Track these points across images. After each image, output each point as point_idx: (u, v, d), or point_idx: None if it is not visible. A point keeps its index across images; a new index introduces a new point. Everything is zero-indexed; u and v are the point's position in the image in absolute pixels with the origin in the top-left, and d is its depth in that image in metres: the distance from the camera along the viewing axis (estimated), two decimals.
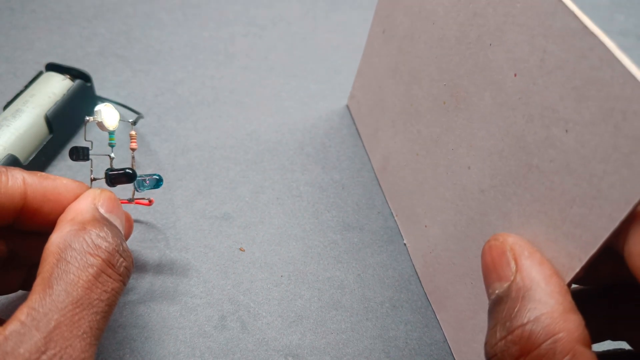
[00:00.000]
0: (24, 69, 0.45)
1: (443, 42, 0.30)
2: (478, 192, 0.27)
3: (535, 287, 0.20)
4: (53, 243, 0.23)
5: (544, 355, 0.19)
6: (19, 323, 0.20)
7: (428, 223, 0.33)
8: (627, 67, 0.18)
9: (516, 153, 0.24)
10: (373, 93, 0.40)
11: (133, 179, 0.30)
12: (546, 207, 0.22)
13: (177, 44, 0.49)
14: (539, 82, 0.22)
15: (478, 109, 0.27)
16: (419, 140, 0.33)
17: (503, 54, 0.25)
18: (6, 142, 0.35)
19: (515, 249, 0.22)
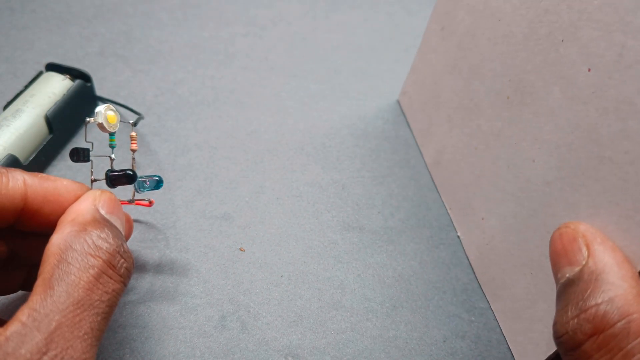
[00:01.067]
0: (24, 69, 0.45)
1: (509, 38, 0.31)
2: (543, 184, 0.28)
3: (609, 270, 0.21)
4: (54, 244, 0.23)
5: (617, 334, 0.20)
6: (20, 324, 0.20)
7: (485, 215, 0.34)
8: None
9: (587, 145, 0.25)
10: (428, 89, 0.41)
11: (133, 180, 0.30)
12: (618, 197, 0.23)
13: (177, 44, 0.49)
14: (616, 76, 0.23)
15: (546, 103, 0.28)
16: (478, 134, 0.34)
17: (576, 49, 0.26)
18: (6, 142, 0.35)
19: (587, 235, 0.23)
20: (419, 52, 0.43)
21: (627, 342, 0.19)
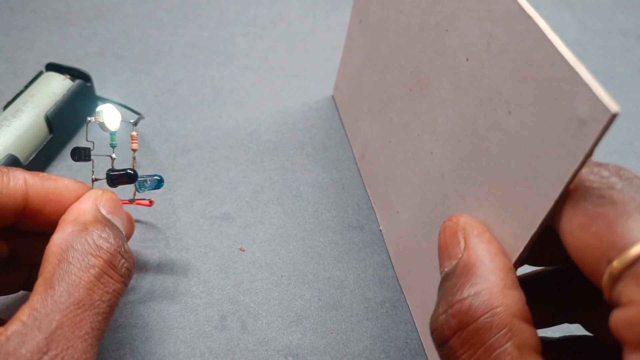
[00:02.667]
0: (24, 69, 0.45)
1: (409, 29, 0.31)
2: (439, 176, 0.28)
3: (480, 264, 0.21)
4: (55, 243, 0.23)
5: (481, 328, 0.19)
6: (21, 323, 0.20)
7: (399, 209, 0.33)
8: (556, 47, 0.19)
9: (470, 136, 0.24)
10: (353, 83, 0.41)
11: (134, 180, 0.30)
12: (495, 188, 0.22)
13: (177, 44, 0.49)
14: (487, 65, 0.23)
15: (438, 94, 0.27)
16: (391, 127, 0.34)
17: (457, 39, 0.25)
18: (6, 142, 0.35)
19: (466, 228, 0.23)
20: (345, 46, 0.42)
21: (490, 337, 0.19)
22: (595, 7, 0.59)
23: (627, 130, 0.46)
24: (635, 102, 0.49)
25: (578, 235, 0.18)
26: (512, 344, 0.19)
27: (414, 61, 0.30)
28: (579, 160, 0.18)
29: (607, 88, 0.50)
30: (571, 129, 0.18)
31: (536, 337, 0.20)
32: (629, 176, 0.19)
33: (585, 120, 0.17)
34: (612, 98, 0.17)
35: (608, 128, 0.17)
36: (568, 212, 0.19)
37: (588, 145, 0.17)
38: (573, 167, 0.18)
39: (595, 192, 0.19)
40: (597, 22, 0.57)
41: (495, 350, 0.19)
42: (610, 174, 0.19)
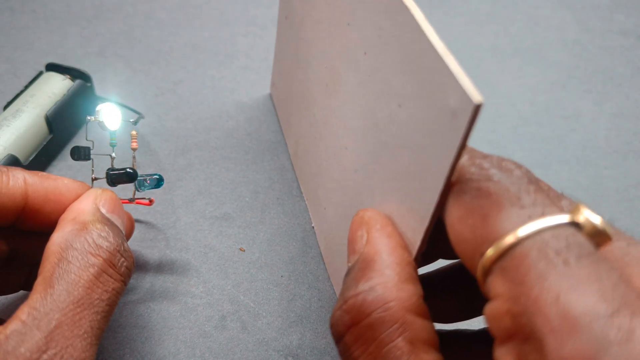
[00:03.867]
0: (24, 69, 0.45)
1: (321, 24, 0.30)
2: (353, 171, 0.27)
3: (378, 258, 0.20)
4: (54, 243, 0.23)
5: (373, 323, 0.19)
6: (20, 322, 0.20)
7: (326, 205, 0.33)
8: (428, 38, 0.18)
9: (372, 131, 0.24)
10: (284, 80, 0.41)
11: (134, 179, 0.30)
12: (395, 182, 0.22)
13: (177, 44, 0.49)
14: (380, 58, 0.23)
15: (347, 89, 0.27)
16: (315, 124, 0.34)
17: (356, 33, 0.25)
18: (6, 142, 0.35)
19: (369, 222, 0.22)
20: (276, 43, 0.42)
21: (381, 332, 0.19)
22: (595, 7, 0.59)
23: (627, 130, 0.46)
24: (636, 102, 0.49)
25: (457, 229, 0.18)
26: (404, 338, 0.19)
27: (327, 56, 0.30)
28: (454, 152, 0.17)
29: (607, 88, 0.50)
30: (446, 121, 0.18)
31: (431, 331, 0.19)
32: (509, 167, 0.19)
33: (455, 112, 0.17)
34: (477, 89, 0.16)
35: (475, 120, 0.17)
36: (450, 205, 0.19)
37: (460, 137, 0.17)
38: (450, 159, 0.18)
39: (474, 184, 0.18)
40: (597, 22, 0.57)
41: (386, 346, 0.19)
42: (490, 166, 0.19)
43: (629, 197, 0.41)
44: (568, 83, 0.50)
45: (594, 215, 0.17)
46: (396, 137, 0.22)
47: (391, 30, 0.21)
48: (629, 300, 0.15)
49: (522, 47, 0.53)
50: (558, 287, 0.15)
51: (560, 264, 0.15)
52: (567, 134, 0.45)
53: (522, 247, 0.16)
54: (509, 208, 0.17)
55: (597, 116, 0.47)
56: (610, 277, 0.15)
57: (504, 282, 0.16)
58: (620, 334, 0.14)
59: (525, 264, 0.16)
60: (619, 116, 0.48)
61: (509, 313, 0.16)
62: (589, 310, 0.14)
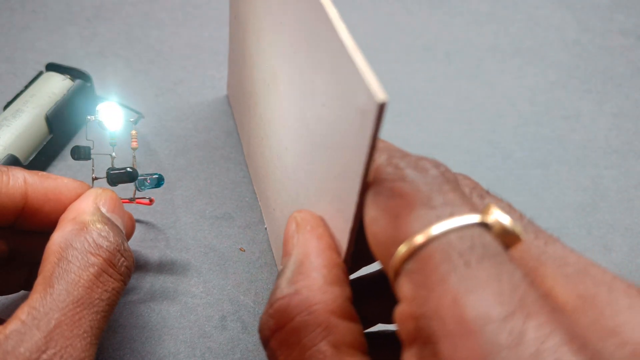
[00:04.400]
0: (24, 69, 0.45)
1: (262, 23, 0.30)
2: (293, 172, 0.27)
3: (305, 260, 0.20)
4: (54, 242, 0.23)
5: (296, 327, 0.19)
6: (20, 322, 0.20)
7: (274, 206, 0.33)
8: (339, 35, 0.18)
9: (305, 131, 0.24)
10: (236, 80, 0.40)
11: (134, 178, 0.30)
12: (325, 183, 0.22)
13: (177, 44, 0.49)
14: (307, 57, 0.22)
15: (283, 88, 0.27)
16: (261, 124, 0.33)
17: (288, 31, 0.25)
18: (6, 142, 0.35)
19: (301, 224, 0.22)
20: (229, 43, 0.41)
21: (305, 335, 0.18)
22: (595, 7, 0.59)
23: (627, 130, 0.46)
24: (636, 102, 0.49)
25: (372, 230, 0.18)
26: (327, 342, 0.18)
27: (267, 55, 0.29)
28: (365, 152, 0.17)
29: (607, 88, 0.50)
30: (358, 120, 0.17)
31: (356, 334, 0.19)
32: (424, 167, 0.18)
33: (364, 111, 0.17)
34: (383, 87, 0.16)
35: (381, 118, 0.16)
36: (366, 206, 0.18)
37: (368, 136, 0.17)
38: (362, 159, 0.17)
39: (388, 184, 0.18)
40: (597, 22, 0.57)
41: (309, 349, 0.18)
42: (406, 165, 0.18)
43: (629, 197, 0.41)
44: (568, 83, 0.50)
45: (503, 215, 0.17)
46: (323, 137, 0.21)
47: (313, 29, 0.21)
48: (527, 302, 0.14)
49: (522, 47, 0.53)
50: (456, 290, 0.15)
51: (461, 265, 0.15)
52: (567, 134, 0.45)
53: (427, 248, 0.16)
54: (419, 209, 0.17)
55: (597, 116, 0.47)
56: (511, 278, 0.15)
57: (409, 284, 0.16)
58: (511, 338, 0.14)
59: (429, 266, 0.16)
60: (619, 116, 0.48)
61: (411, 316, 0.16)
62: (482, 313, 0.14)
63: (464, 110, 0.46)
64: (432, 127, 0.45)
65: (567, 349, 0.13)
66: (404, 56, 0.51)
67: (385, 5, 0.57)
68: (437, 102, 0.47)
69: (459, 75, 0.49)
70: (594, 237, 0.38)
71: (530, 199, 0.40)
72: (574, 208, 0.40)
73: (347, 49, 0.17)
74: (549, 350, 0.13)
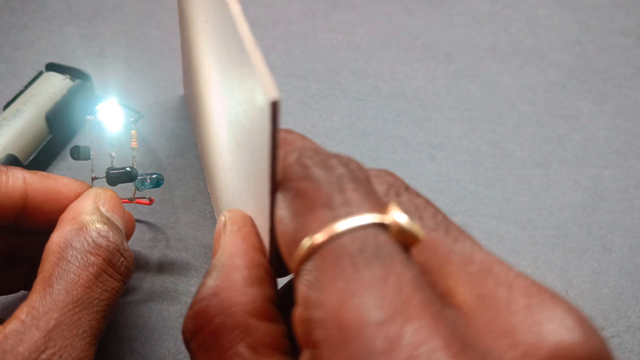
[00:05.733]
0: (24, 69, 0.45)
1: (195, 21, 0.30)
2: (229, 172, 0.27)
3: (228, 261, 0.20)
4: (54, 242, 0.23)
5: (215, 329, 0.18)
6: (19, 322, 0.20)
7: (222, 207, 0.32)
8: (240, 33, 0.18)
9: (230, 130, 0.24)
10: (186, 80, 0.40)
11: (134, 178, 0.30)
12: (249, 182, 0.21)
13: (177, 44, 0.49)
14: (225, 56, 0.22)
15: (214, 87, 0.27)
16: (203, 124, 0.33)
17: (211, 29, 0.24)
18: (6, 142, 0.35)
19: (227, 223, 0.21)
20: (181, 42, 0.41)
21: (222, 337, 0.18)
22: (595, 7, 0.59)
23: (627, 130, 0.46)
24: (636, 102, 0.49)
25: (279, 229, 0.18)
26: (245, 344, 0.18)
27: (202, 54, 0.29)
28: (267, 149, 0.17)
29: (607, 88, 0.50)
30: (261, 119, 0.17)
31: (277, 335, 0.18)
32: (331, 165, 0.18)
33: (262, 109, 0.17)
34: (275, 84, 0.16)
35: (277, 116, 0.16)
36: (276, 205, 0.18)
37: (268, 134, 0.16)
38: (266, 157, 0.17)
39: (294, 183, 0.17)
40: (597, 22, 0.57)
41: (226, 352, 0.18)
42: (313, 164, 0.18)
43: (629, 197, 0.41)
44: (568, 83, 0.50)
45: (401, 214, 0.16)
46: (243, 137, 0.21)
47: (224, 27, 0.21)
48: (408, 306, 0.14)
49: (522, 47, 0.53)
50: (340, 294, 0.14)
51: (348, 268, 0.15)
52: (567, 134, 0.45)
53: (323, 250, 0.15)
54: (319, 208, 0.16)
55: (597, 116, 0.47)
56: (398, 280, 0.14)
57: (303, 286, 0.16)
58: (386, 343, 0.13)
59: (321, 268, 0.15)
60: (619, 116, 0.47)
61: (301, 320, 0.15)
62: (360, 317, 0.14)
63: (464, 110, 0.46)
64: (432, 127, 0.45)
65: (442, 353, 0.13)
66: (404, 56, 0.51)
67: (385, 5, 0.57)
68: (437, 102, 0.47)
69: (459, 75, 0.49)
70: (594, 237, 0.38)
71: (530, 199, 0.40)
72: (574, 208, 0.40)
73: (245, 47, 0.17)
74: (422, 356, 0.13)
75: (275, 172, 0.18)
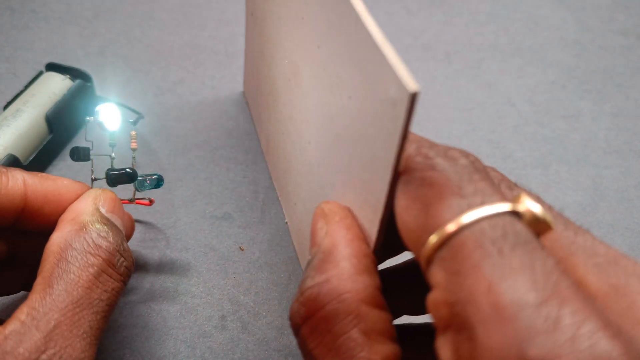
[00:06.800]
0: (24, 69, 0.45)
1: (281, 19, 0.30)
2: (317, 165, 0.27)
3: (335, 250, 0.20)
4: (54, 243, 0.23)
5: (327, 315, 0.19)
6: (19, 322, 0.20)
7: (296, 201, 0.33)
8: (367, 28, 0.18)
9: (328, 124, 0.24)
10: (253, 77, 0.41)
11: (134, 179, 0.30)
12: (351, 175, 0.22)
13: (177, 44, 0.49)
14: (331, 51, 0.23)
15: (305, 83, 0.27)
16: (281, 119, 0.34)
17: (310, 26, 0.25)
18: (6, 142, 0.35)
19: (328, 215, 0.22)
20: (245, 41, 0.42)
21: (336, 323, 0.19)
22: (595, 7, 0.59)
23: (627, 130, 0.46)
24: (636, 102, 0.49)
25: (403, 219, 0.18)
26: (358, 330, 0.19)
27: (287, 51, 0.30)
28: (396, 142, 0.17)
29: (607, 88, 0.50)
30: (389, 111, 0.18)
31: (386, 322, 0.19)
32: (454, 156, 0.19)
33: (395, 101, 0.17)
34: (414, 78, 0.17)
35: (413, 108, 0.17)
36: (397, 195, 0.19)
37: (400, 126, 0.17)
38: (393, 149, 0.18)
39: (419, 173, 0.18)
40: (597, 22, 0.57)
41: (340, 337, 0.19)
42: (435, 155, 0.19)
43: (629, 197, 0.41)
44: (568, 83, 0.50)
45: (534, 204, 0.17)
46: (348, 130, 0.22)
47: (337, 22, 0.21)
48: (560, 289, 0.14)
49: (522, 47, 0.53)
50: (490, 277, 0.15)
51: (494, 253, 0.15)
52: (567, 134, 0.45)
53: (459, 236, 0.16)
54: (450, 197, 0.17)
55: (597, 116, 0.47)
56: (544, 265, 0.15)
57: (442, 272, 0.16)
58: (547, 324, 0.14)
59: (462, 253, 0.16)
60: (619, 116, 0.47)
61: (445, 303, 0.16)
62: (517, 299, 0.14)
63: (464, 110, 0.46)
64: (432, 127, 0.45)
65: (602, 334, 0.14)
66: (404, 56, 0.51)
67: (385, 5, 0.57)
68: (437, 102, 0.47)
69: (459, 75, 0.49)
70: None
71: None
72: (574, 208, 0.40)
73: (376, 42, 0.18)
74: (584, 336, 0.13)
75: (399, 163, 0.18)
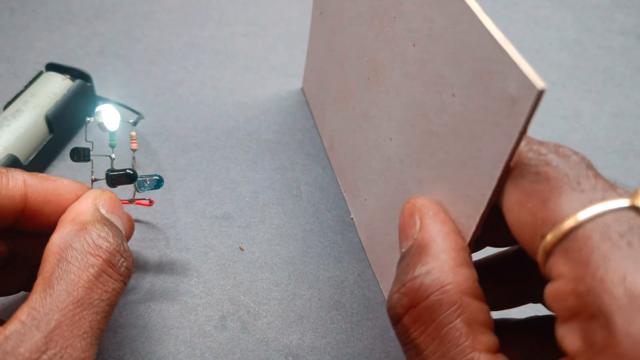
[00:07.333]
0: (24, 69, 0.45)
1: (362, 18, 0.31)
2: (398, 161, 0.28)
3: (432, 243, 0.21)
4: (54, 243, 0.23)
5: (431, 305, 0.20)
6: (20, 323, 0.20)
7: (367, 196, 0.34)
8: (487, 28, 0.19)
9: (420, 121, 0.25)
10: (318, 74, 0.41)
11: (134, 180, 0.30)
12: (446, 170, 0.23)
13: (177, 44, 0.49)
14: (430, 50, 0.23)
15: (392, 81, 0.28)
16: (353, 117, 0.34)
17: (404, 25, 0.26)
18: (6, 142, 0.35)
19: (422, 209, 0.23)
20: (309, 39, 0.43)
21: (440, 313, 0.19)
22: (595, 7, 0.59)
23: (627, 130, 0.46)
24: (636, 102, 0.49)
25: (516, 212, 0.19)
26: (462, 320, 0.19)
27: (369, 50, 0.30)
28: (514, 138, 0.18)
29: (607, 88, 0.50)
30: (505, 108, 0.18)
31: (487, 313, 0.20)
32: (566, 153, 0.19)
33: (516, 98, 0.18)
34: (539, 75, 0.17)
35: (537, 105, 0.17)
36: (508, 190, 0.19)
37: (521, 123, 0.18)
38: (510, 145, 0.18)
39: (532, 169, 0.19)
40: (597, 22, 0.57)
41: (445, 327, 0.19)
42: (548, 151, 0.19)
43: None
44: (568, 83, 0.50)
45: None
46: (448, 127, 0.22)
47: (443, 22, 0.22)
48: None
49: (522, 47, 0.53)
50: (624, 268, 0.16)
51: (624, 245, 0.16)
52: (567, 134, 0.45)
53: (584, 229, 0.17)
54: (569, 192, 0.18)
55: (597, 116, 0.47)
56: None
57: (566, 263, 0.17)
58: None
59: (589, 245, 0.16)
60: (619, 116, 0.48)
61: (573, 292, 0.16)
62: None
63: None
64: None
65: None
66: None
67: None
68: None
69: None
70: None
71: None
72: None
73: (496, 40, 0.18)
74: None
75: (512, 159, 0.19)
